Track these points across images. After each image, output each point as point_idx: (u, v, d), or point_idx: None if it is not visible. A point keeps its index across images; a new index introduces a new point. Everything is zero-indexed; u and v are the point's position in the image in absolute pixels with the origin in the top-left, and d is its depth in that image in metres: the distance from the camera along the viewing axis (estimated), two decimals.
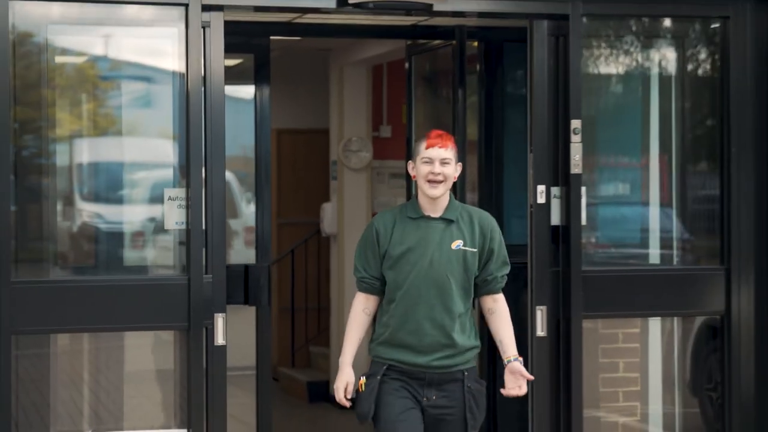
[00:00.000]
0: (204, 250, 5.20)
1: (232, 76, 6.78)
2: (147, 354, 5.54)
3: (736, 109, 5.55)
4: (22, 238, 5.12)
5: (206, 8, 5.23)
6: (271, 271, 6.82)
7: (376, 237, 5.01)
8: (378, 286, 5.02)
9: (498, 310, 5.04)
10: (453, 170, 4.95)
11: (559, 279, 5.61)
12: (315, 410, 9.69)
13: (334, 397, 4.98)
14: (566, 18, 5.39)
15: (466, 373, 4.97)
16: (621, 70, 5.88)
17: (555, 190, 5.56)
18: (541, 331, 5.65)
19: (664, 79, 5.76)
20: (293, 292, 10.92)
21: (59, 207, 5.36)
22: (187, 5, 5.16)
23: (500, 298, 5.07)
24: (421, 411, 4.92)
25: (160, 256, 5.44)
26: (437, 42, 6.58)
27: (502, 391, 4.93)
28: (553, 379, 5.67)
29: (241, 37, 6.33)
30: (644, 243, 5.91)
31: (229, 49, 5.70)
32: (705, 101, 5.77)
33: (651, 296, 5.56)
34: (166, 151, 5.44)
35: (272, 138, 10.59)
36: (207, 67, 5.27)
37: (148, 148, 5.62)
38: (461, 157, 5.30)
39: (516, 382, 4.94)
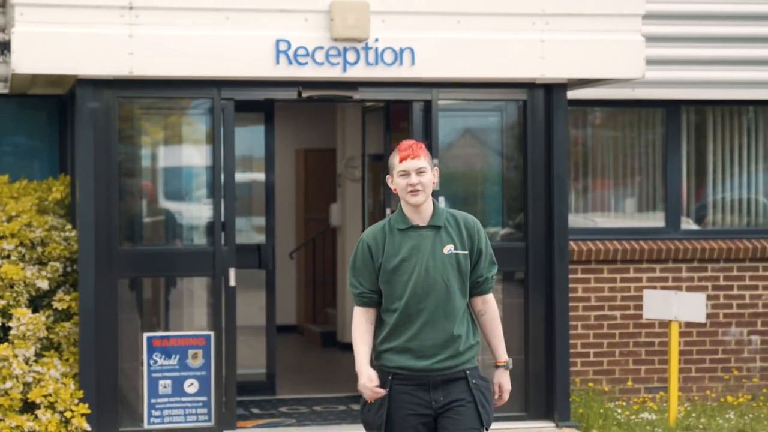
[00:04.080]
0: (222, 234, 9.50)
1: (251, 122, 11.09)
2: (198, 293, 9.91)
3: (531, 157, 9.77)
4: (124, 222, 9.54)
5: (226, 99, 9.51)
6: (275, 249, 11.19)
7: (369, 251, 5.27)
8: (376, 299, 5.29)
9: (488, 312, 5.37)
10: (430, 177, 5.23)
11: None
12: (325, 352, 13.96)
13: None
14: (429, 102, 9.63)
15: (468, 372, 5.25)
16: (472, 126, 10.18)
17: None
18: None
19: (493, 135, 10.05)
20: (314, 269, 15.30)
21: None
22: (212, 98, 9.45)
23: (490, 299, 5.40)
24: (434, 419, 5.21)
25: (199, 236, 9.81)
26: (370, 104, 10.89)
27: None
28: None
29: (259, 103, 10.52)
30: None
31: (249, 108, 10.05)
32: (518, 151, 10.01)
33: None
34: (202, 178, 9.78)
35: (300, 155, 15.16)
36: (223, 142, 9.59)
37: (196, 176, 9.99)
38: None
39: (498, 392, 5.37)
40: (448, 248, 5.25)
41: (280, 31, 9.09)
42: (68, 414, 8.95)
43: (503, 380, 5.38)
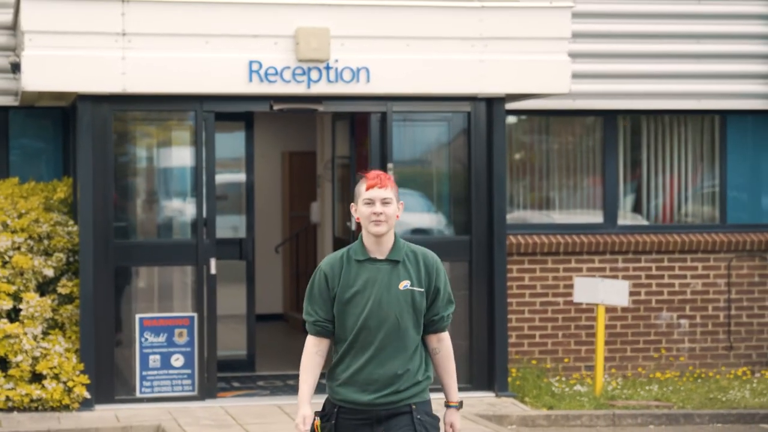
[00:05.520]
0: (204, 228, 11.06)
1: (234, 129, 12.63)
2: (183, 279, 11.47)
3: (474, 161, 11.31)
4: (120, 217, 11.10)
5: (211, 113, 11.07)
6: (258, 243, 12.74)
7: (325, 280, 5.22)
8: (330, 329, 5.24)
9: (442, 351, 5.29)
10: (394, 209, 5.17)
11: None
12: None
13: None
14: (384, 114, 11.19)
15: (414, 407, 5.20)
16: (427, 136, 11.73)
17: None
18: None
19: (442, 142, 11.61)
20: (298, 262, 16.85)
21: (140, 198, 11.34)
22: (195, 111, 10.98)
23: (445, 337, 5.30)
24: None
25: (185, 231, 11.36)
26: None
27: None
28: None
29: (240, 113, 12.10)
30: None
31: (230, 118, 11.61)
32: (464, 155, 11.55)
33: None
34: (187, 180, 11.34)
35: (285, 158, 16.71)
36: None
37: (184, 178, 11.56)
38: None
39: (450, 431, 5.31)
40: (404, 284, 5.20)
41: (252, 53, 10.64)
42: (71, 383, 10.51)
43: (454, 419, 5.35)
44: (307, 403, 5.24)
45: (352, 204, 5.30)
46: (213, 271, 11.05)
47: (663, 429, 10.70)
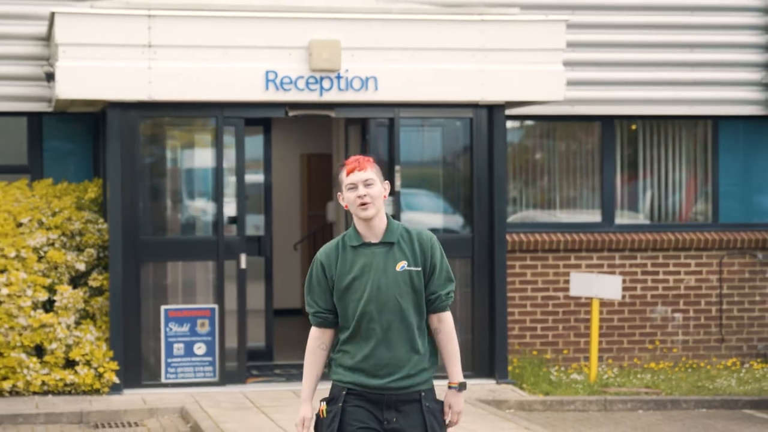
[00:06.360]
0: (235, 226, 11.95)
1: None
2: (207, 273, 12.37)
3: (476, 164, 12.18)
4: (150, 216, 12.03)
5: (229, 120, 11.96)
6: (280, 241, 13.63)
7: (322, 270, 5.18)
8: (332, 319, 5.21)
9: (443, 330, 5.23)
10: (379, 189, 5.12)
11: None
12: None
13: None
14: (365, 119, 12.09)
15: (423, 394, 5.17)
16: (429, 137, 12.61)
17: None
18: None
19: (447, 145, 12.49)
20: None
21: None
22: (216, 117, 11.90)
23: (445, 317, 5.23)
24: None
25: (206, 229, 12.27)
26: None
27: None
28: None
29: (259, 119, 12.98)
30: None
31: (249, 123, 12.49)
32: (466, 158, 12.42)
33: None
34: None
35: (304, 159, 17.61)
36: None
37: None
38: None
39: (448, 412, 5.25)
40: (401, 265, 5.16)
41: (269, 63, 11.54)
42: (101, 369, 11.43)
43: (453, 401, 5.30)
44: (308, 402, 5.26)
45: (338, 194, 5.27)
46: (243, 265, 11.98)
47: (651, 414, 11.54)
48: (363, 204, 5.10)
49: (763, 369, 13.35)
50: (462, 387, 5.28)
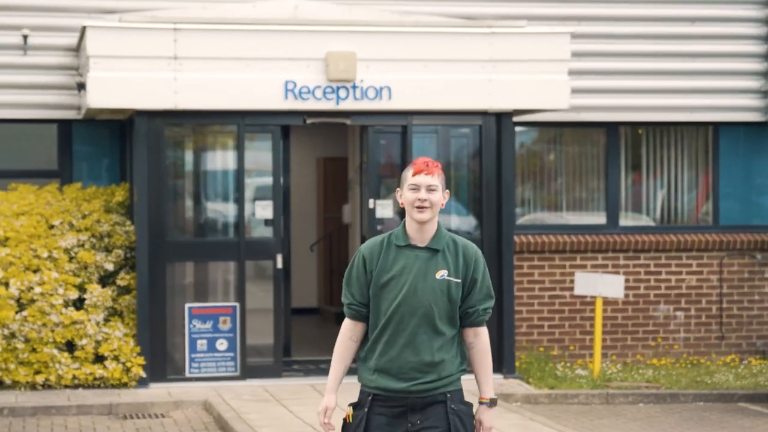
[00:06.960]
0: (272, 227, 12.63)
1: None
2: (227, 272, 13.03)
3: (485, 168, 12.82)
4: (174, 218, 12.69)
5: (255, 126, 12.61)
6: (297, 242, 14.29)
7: (363, 263, 5.20)
8: (365, 313, 5.21)
9: (478, 345, 5.23)
10: (440, 197, 5.13)
11: None
12: (338, 329, 16.90)
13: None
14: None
15: (449, 395, 5.15)
16: (441, 144, 13.26)
17: None
18: None
19: (458, 151, 13.14)
20: (331, 259, 18.39)
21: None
22: (238, 124, 12.56)
23: (482, 332, 5.23)
24: None
25: (228, 231, 12.91)
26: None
27: None
28: None
29: (272, 126, 13.61)
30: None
31: (265, 130, 13.15)
32: (476, 163, 13.06)
33: None
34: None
35: (320, 163, 18.25)
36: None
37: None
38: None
39: (479, 427, 5.26)
40: (441, 273, 5.16)
41: (288, 74, 12.20)
42: (129, 364, 12.10)
43: (484, 417, 5.29)
44: (333, 392, 5.29)
45: (397, 189, 5.30)
46: (279, 265, 12.65)
47: (651, 407, 12.18)
48: (421, 207, 5.13)
49: (761, 365, 13.98)
50: (493, 403, 5.32)
